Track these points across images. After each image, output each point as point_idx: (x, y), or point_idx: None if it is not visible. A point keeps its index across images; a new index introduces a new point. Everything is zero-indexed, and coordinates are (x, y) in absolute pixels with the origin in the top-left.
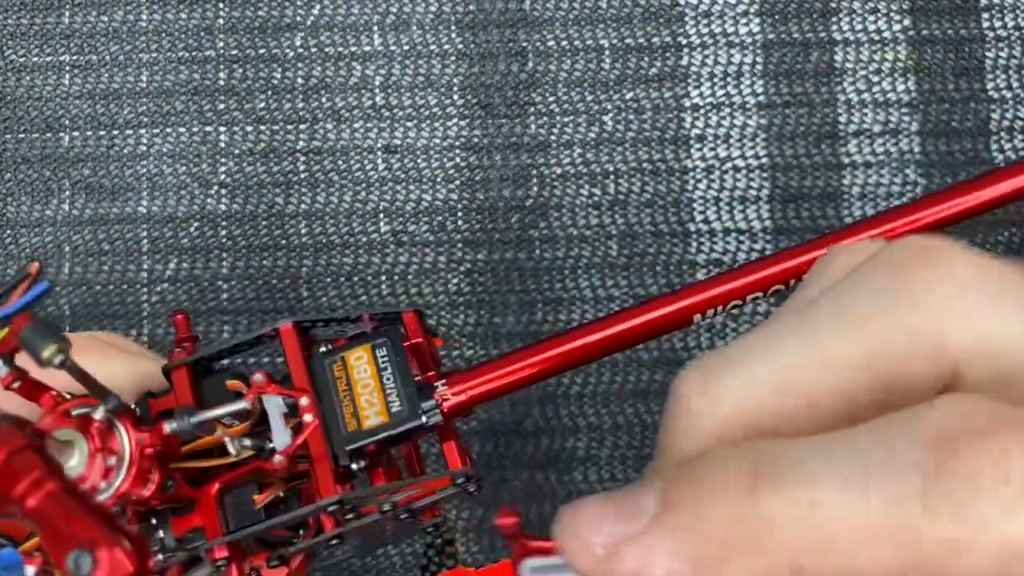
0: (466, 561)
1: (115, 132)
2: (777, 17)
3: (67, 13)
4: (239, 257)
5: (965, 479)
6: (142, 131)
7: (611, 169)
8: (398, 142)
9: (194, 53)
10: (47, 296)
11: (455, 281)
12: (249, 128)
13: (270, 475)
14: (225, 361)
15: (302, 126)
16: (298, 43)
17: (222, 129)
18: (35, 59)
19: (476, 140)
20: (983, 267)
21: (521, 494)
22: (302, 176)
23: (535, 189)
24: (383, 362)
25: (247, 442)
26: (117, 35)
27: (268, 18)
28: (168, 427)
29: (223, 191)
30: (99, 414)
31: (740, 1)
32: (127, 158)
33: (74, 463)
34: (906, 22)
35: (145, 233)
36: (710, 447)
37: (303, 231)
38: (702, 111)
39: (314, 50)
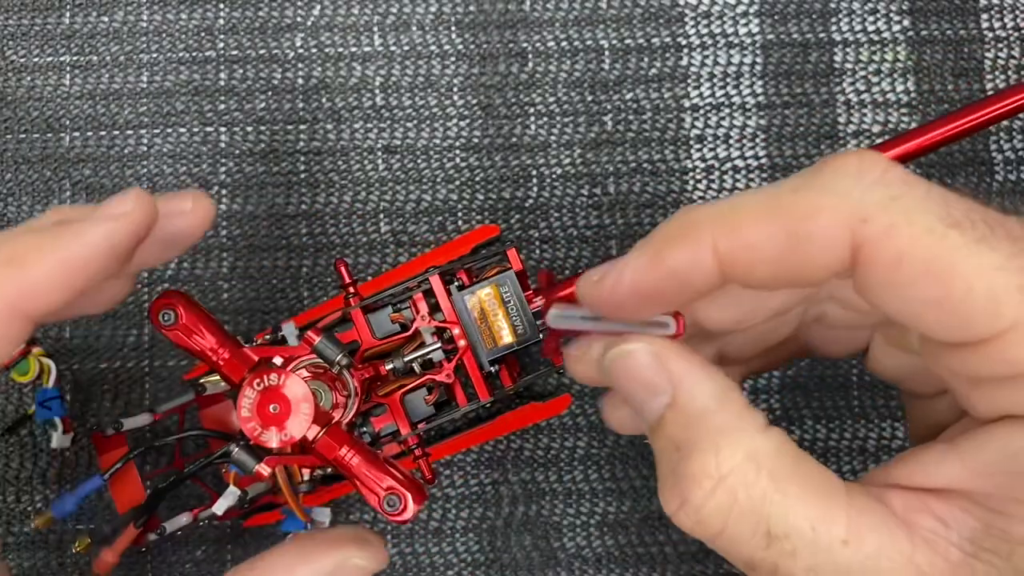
0: (465, 560)
1: (115, 132)
2: (776, 18)
3: (68, 14)
4: (239, 257)
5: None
6: (143, 131)
7: (611, 169)
8: (398, 142)
9: (194, 54)
10: None
11: None
12: (249, 128)
13: (436, 383)
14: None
15: (302, 126)
16: (298, 43)
17: (222, 129)
18: (36, 59)
19: (476, 140)
20: (902, 177)
21: (521, 494)
22: (302, 176)
23: (535, 189)
24: (506, 296)
25: (420, 357)
26: (118, 36)
27: (268, 18)
28: (388, 366)
29: (223, 191)
30: (335, 369)
31: (740, 2)
32: (127, 158)
33: (324, 401)
34: (905, 22)
35: None
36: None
37: (303, 231)
38: (702, 111)
39: (314, 50)
